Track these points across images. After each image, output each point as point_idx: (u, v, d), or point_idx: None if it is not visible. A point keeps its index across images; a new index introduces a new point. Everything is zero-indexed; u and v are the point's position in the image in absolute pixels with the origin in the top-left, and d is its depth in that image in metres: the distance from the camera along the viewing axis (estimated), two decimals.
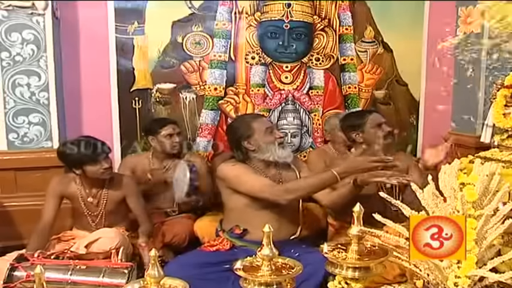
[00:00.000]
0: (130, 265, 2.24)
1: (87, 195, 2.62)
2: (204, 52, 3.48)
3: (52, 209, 2.56)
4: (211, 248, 2.38)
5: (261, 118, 2.55)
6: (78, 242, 2.53)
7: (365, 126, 2.61)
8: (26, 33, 2.96)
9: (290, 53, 3.60)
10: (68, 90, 3.29)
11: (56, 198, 2.58)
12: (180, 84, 3.48)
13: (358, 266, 1.39)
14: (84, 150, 2.48)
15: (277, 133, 2.42)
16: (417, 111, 3.89)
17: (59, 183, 2.61)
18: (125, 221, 2.74)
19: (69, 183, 2.61)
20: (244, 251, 2.24)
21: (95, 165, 2.50)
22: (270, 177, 2.35)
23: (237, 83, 3.57)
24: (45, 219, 2.53)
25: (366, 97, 3.78)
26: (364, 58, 3.73)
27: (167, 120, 3.13)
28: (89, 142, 2.52)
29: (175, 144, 3.02)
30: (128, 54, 3.36)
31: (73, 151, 2.49)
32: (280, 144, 2.38)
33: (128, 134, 3.43)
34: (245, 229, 2.36)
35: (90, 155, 2.49)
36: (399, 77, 3.82)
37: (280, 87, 3.63)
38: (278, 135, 2.41)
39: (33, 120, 3.04)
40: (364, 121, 2.62)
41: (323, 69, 3.68)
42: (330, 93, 3.72)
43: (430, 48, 3.80)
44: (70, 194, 2.62)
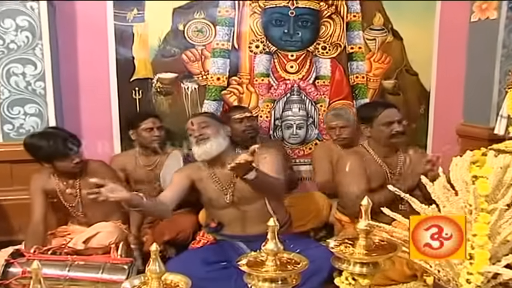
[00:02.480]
0: (131, 261, 2.24)
1: (65, 187, 2.62)
2: (207, 40, 3.47)
3: (40, 207, 2.56)
4: (198, 244, 2.46)
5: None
6: (75, 237, 2.54)
7: (375, 121, 2.56)
8: (20, 20, 2.95)
9: (296, 41, 3.59)
10: (65, 79, 3.29)
11: (39, 195, 2.58)
12: (181, 73, 3.47)
13: (366, 262, 1.39)
14: (53, 144, 2.45)
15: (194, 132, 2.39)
16: (427, 101, 3.86)
17: (38, 179, 2.61)
18: (118, 213, 2.71)
19: (48, 178, 2.61)
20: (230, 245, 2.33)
21: (65, 160, 2.49)
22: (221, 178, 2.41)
23: (241, 72, 3.56)
24: (35, 218, 2.53)
25: (374, 87, 3.76)
26: (372, 46, 3.71)
27: (147, 114, 3.18)
28: (58, 135, 2.49)
29: (154, 138, 3.06)
30: (127, 43, 3.35)
31: (41, 145, 2.46)
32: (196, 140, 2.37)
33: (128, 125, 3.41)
34: (219, 222, 2.42)
35: (59, 150, 2.46)
36: (409, 66, 3.79)
37: (286, 76, 3.62)
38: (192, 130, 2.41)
39: (29, 111, 3.05)
40: (375, 115, 2.56)
41: (330, 58, 3.66)
42: (336, 83, 3.70)
43: (442, 35, 3.76)
44: (51, 189, 2.61)
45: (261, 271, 1.31)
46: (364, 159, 2.56)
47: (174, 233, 2.84)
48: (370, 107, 2.74)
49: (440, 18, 3.75)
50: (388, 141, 2.55)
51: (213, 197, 2.40)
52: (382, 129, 2.53)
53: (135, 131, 3.09)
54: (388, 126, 2.52)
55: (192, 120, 2.44)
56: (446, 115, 3.85)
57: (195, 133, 2.37)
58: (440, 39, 3.78)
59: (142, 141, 3.09)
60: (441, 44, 3.79)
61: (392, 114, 2.56)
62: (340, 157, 2.71)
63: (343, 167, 2.56)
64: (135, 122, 3.11)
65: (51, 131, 2.59)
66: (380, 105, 2.66)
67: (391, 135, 2.53)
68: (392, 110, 2.58)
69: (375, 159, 2.58)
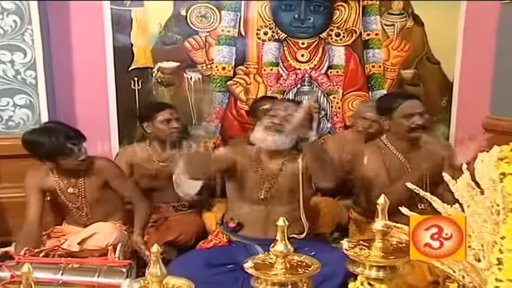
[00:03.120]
0: (129, 263, 2.24)
1: (67, 186, 2.61)
2: (211, 26, 3.47)
3: (36, 206, 2.55)
4: (207, 244, 2.44)
5: (278, 101, 2.60)
6: (70, 238, 2.54)
7: (394, 113, 2.54)
8: (6, 2, 2.93)
9: (307, 28, 3.58)
10: (57, 68, 3.29)
11: (36, 193, 2.57)
12: (184, 62, 3.47)
13: (383, 265, 1.38)
14: (56, 141, 2.42)
15: (275, 117, 2.34)
16: (450, 93, 3.84)
17: (35, 176, 2.60)
18: (120, 212, 2.73)
19: (46, 175, 2.60)
20: (244, 247, 2.31)
21: (69, 157, 2.48)
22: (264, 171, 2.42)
23: (248, 61, 3.56)
24: (30, 217, 2.52)
25: (392, 77, 3.74)
26: (390, 33, 3.68)
27: (164, 105, 3.15)
28: (60, 131, 2.47)
29: (173, 131, 3.02)
30: (125, 29, 3.35)
31: (43, 142, 2.43)
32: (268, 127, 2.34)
33: (127, 118, 3.43)
34: (239, 223, 2.40)
35: (63, 147, 2.44)
36: (430, 54, 3.76)
37: (296, 66, 3.62)
38: (272, 117, 2.36)
39: (19, 103, 3.05)
40: (395, 106, 2.54)
41: (344, 45, 3.65)
42: (351, 73, 3.69)
43: (469, 19, 3.72)
44: (49, 187, 2.61)
45: (270, 274, 1.31)
46: (382, 152, 2.56)
47: (175, 234, 2.85)
48: (390, 98, 2.73)
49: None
50: (407, 135, 2.53)
51: (249, 187, 2.40)
52: (402, 121, 2.52)
53: (151, 123, 3.03)
54: (409, 118, 2.50)
55: (286, 104, 2.39)
56: (471, 107, 3.82)
57: (276, 119, 2.32)
58: (467, 24, 3.73)
59: (159, 134, 3.03)
60: (467, 29, 3.74)
61: (414, 106, 2.54)
62: (358, 151, 2.71)
63: (361, 162, 2.56)
64: (151, 113, 3.05)
65: (53, 126, 2.56)
66: (401, 96, 2.64)
67: (411, 129, 2.51)
68: (414, 102, 2.56)
69: (395, 154, 2.57)
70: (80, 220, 2.66)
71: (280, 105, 2.41)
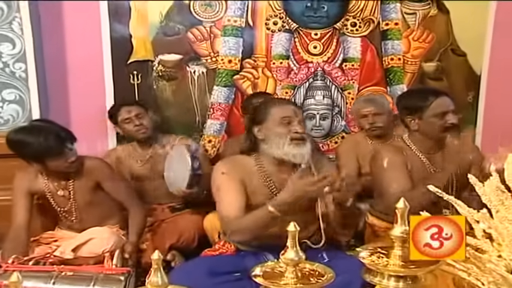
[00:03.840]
0: (128, 271, 2.25)
1: (57, 189, 2.63)
2: (216, 16, 3.47)
3: (23, 210, 2.56)
4: (214, 252, 2.42)
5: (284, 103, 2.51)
6: (63, 244, 2.56)
7: (426, 111, 2.51)
8: None
9: (320, 17, 3.57)
10: (49, 61, 3.31)
11: (24, 196, 2.59)
12: (187, 55, 3.49)
13: (403, 275, 1.38)
14: (44, 141, 2.41)
15: (295, 127, 2.35)
16: (477, 87, 3.82)
17: (23, 178, 2.61)
18: (117, 216, 2.75)
19: (34, 177, 2.62)
20: (251, 254, 2.28)
21: (58, 159, 2.48)
22: (277, 183, 2.34)
23: (256, 54, 3.56)
24: (18, 222, 2.53)
25: (413, 71, 3.74)
26: (412, 22, 3.67)
27: (120, 103, 3.22)
28: (49, 130, 2.47)
29: (138, 128, 3.10)
30: (123, 19, 3.36)
31: (30, 141, 2.42)
32: (295, 139, 2.34)
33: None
34: None
35: (52, 148, 2.43)
36: (456, 45, 3.74)
37: (308, 59, 3.62)
38: (294, 129, 2.36)
39: (8, 98, 3.07)
40: (426, 105, 2.51)
41: (360, 36, 3.64)
42: (367, 67, 3.69)
43: (501, 6, 3.68)
44: (38, 190, 2.63)
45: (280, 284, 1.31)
46: (403, 154, 2.55)
47: (175, 238, 2.88)
48: (417, 95, 2.70)
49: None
50: (440, 135, 2.53)
51: (260, 201, 2.33)
52: (434, 121, 2.50)
53: (117, 125, 3.18)
54: (442, 117, 2.49)
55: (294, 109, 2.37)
56: (500, 103, 3.80)
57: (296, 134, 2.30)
58: (498, 11, 3.70)
59: (128, 134, 3.17)
60: (498, 17, 3.70)
61: (446, 103, 2.52)
62: (376, 152, 2.70)
63: (380, 163, 2.55)
64: (112, 114, 3.19)
65: (40, 124, 2.58)
66: (430, 93, 2.60)
67: (445, 128, 2.50)
68: (445, 99, 2.54)
69: (417, 156, 2.56)
70: (73, 225, 2.68)
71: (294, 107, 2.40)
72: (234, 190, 2.28)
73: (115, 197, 2.71)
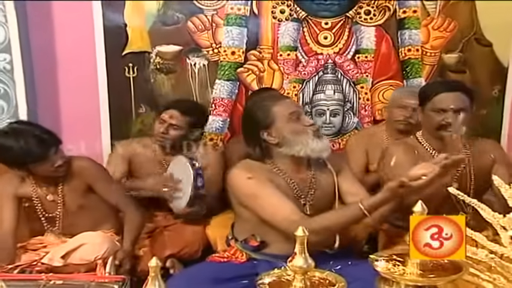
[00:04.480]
0: (123, 279, 2.24)
1: (45, 193, 2.62)
2: (218, 4, 3.47)
3: (9, 215, 2.56)
4: (222, 258, 2.39)
5: (280, 99, 2.51)
6: (52, 251, 2.56)
7: (427, 104, 2.52)
8: None
9: (331, 5, 3.57)
10: (37, 51, 3.31)
11: (10, 201, 2.58)
12: (186, 46, 3.49)
13: (421, 285, 1.37)
14: (25, 145, 2.39)
15: (306, 119, 2.37)
16: (504, 80, 3.78)
17: (8, 182, 2.61)
18: (112, 220, 2.74)
19: (21, 181, 2.61)
20: (266, 262, 2.26)
21: (42, 164, 2.47)
22: (299, 184, 2.35)
23: (261, 45, 3.56)
24: (3, 229, 2.53)
25: (432, 63, 3.72)
26: (432, 9, 3.65)
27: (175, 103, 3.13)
28: (30, 132, 2.44)
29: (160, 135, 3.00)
30: (117, 7, 3.36)
31: (9, 145, 2.40)
32: (316, 132, 2.35)
33: (120, 111, 3.46)
34: (263, 241, 2.36)
35: (34, 152, 2.42)
36: (480, 35, 3.71)
37: (318, 50, 3.61)
38: (308, 122, 2.36)
39: None
40: (429, 97, 2.51)
41: (375, 25, 3.63)
42: (382, 58, 3.68)
43: None
44: (25, 194, 2.62)
45: None
46: (415, 153, 2.54)
47: (177, 248, 2.86)
48: (429, 86, 2.72)
49: None
50: (435, 133, 2.52)
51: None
52: (432, 115, 2.50)
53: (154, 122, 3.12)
54: (440, 114, 2.49)
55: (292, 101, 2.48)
56: None
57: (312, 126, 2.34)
58: None
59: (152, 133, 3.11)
60: None
61: (450, 99, 2.49)
62: (386, 149, 2.70)
63: (388, 161, 2.54)
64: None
65: (20, 127, 2.54)
66: (440, 86, 2.61)
67: (440, 126, 2.49)
68: (451, 95, 2.51)
69: (430, 154, 2.55)
70: (63, 230, 2.67)
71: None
72: (273, 190, 2.26)
73: (107, 200, 2.69)
